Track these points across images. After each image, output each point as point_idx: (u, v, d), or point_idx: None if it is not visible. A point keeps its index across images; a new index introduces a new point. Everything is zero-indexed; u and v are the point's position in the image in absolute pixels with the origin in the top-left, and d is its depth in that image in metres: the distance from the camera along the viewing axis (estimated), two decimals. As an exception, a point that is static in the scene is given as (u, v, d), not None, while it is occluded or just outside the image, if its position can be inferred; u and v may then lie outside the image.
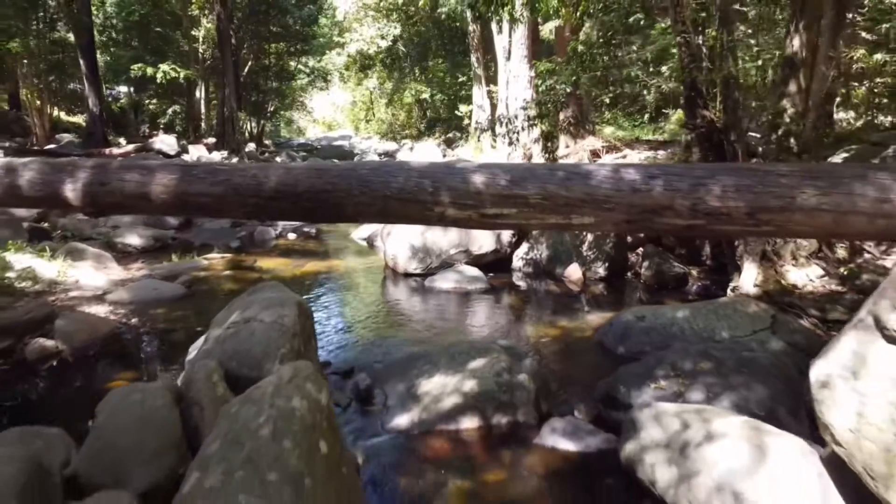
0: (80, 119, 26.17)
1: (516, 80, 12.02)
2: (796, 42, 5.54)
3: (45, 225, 8.91)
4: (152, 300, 6.17)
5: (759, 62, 5.27)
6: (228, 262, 8.08)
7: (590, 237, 7.16)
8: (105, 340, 5.16)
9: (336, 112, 49.57)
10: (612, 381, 3.90)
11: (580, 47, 6.71)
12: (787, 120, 5.61)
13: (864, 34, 7.39)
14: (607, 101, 11.34)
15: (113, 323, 5.52)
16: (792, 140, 5.64)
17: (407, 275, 7.40)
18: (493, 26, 12.12)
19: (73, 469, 2.18)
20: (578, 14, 6.20)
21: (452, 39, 20.16)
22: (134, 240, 8.52)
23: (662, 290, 6.64)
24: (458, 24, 15.31)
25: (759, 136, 6.54)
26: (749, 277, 5.63)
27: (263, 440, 1.95)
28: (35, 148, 16.60)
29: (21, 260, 6.37)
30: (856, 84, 8.53)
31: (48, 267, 6.47)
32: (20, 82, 19.58)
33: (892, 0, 6.75)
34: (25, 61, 18.09)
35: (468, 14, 8.06)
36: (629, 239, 7.36)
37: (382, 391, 3.96)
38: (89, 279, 6.55)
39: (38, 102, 18.56)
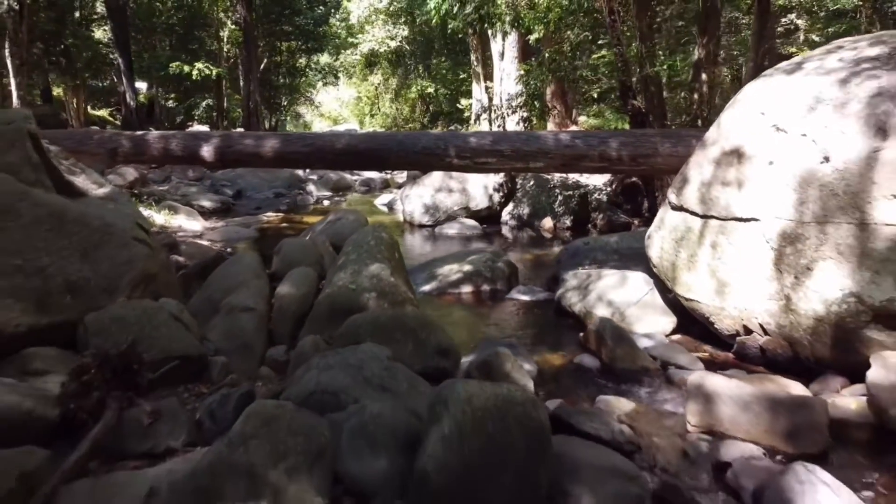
0: (103, 112, 28.43)
1: (508, 77, 14.29)
2: (700, 52, 7.84)
3: (135, 191, 11.20)
4: (235, 238, 8.47)
5: (665, 67, 7.50)
6: (281, 218, 10.38)
7: (560, 196, 9.44)
8: (213, 258, 7.45)
9: (342, 107, 51.52)
10: (555, 268, 6.19)
11: (546, 54, 8.98)
12: (695, 107, 7.90)
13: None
14: (595, 95, 13.61)
15: (214, 249, 7.81)
16: (699, 122, 7.93)
17: (421, 226, 9.70)
18: (489, 32, 14.38)
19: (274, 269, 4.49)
20: (549, 29, 8.45)
21: (454, 40, 22.40)
22: (205, 203, 10.81)
23: (612, 234, 8.92)
24: (460, 35, 17.54)
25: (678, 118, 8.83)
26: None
27: (370, 246, 4.25)
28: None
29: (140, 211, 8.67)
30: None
31: (157, 217, 8.77)
32: (49, 78, 21.76)
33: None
34: (63, 59, 20.28)
35: (469, 30, 10.15)
36: (589, 198, 9.64)
37: (413, 278, 6.25)
38: (187, 225, 8.86)
39: (74, 98, 20.76)
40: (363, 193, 14.46)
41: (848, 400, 3.34)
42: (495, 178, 9.67)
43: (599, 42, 9.75)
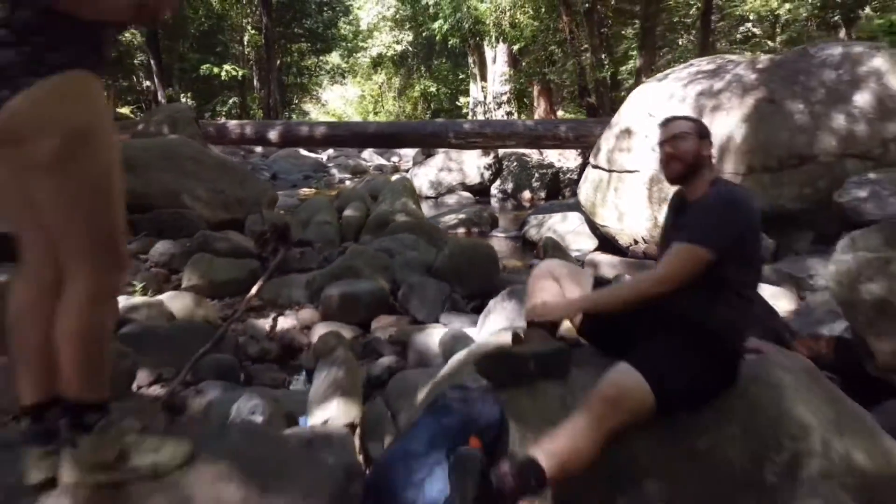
0: (125, 110, 30.91)
1: (499, 78, 16.76)
2: (640, 61, 10.31)
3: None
4: (285, 204, 10.94)
5: (609, 73, 9.95)
6: (314, 193, 12.86)
7: (536, 174, 11.92)
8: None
9: (346, 105, 53.72)
10: (526, 220, 8.67)
11: (524, 63, 11.44)
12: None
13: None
14: (565, 95, 16.12)
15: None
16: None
17: (427, 197, 12.18)
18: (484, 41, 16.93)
19: (337, 205, 6.98)
20: (527, 43, 10.91)
21: (454, 44, 24.96)
22: (251, 181, 13.32)
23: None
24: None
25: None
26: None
27: (399, 189, 6.74)
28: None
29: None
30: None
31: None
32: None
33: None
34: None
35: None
36: (560, 176, 12.13)
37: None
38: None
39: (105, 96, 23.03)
40: (376, 176, 16.94)
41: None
42: (485, 159, 12.15)
43: (565, 53, 12.24)
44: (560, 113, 15.84)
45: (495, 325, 3.30)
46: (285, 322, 4.08)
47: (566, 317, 1.97)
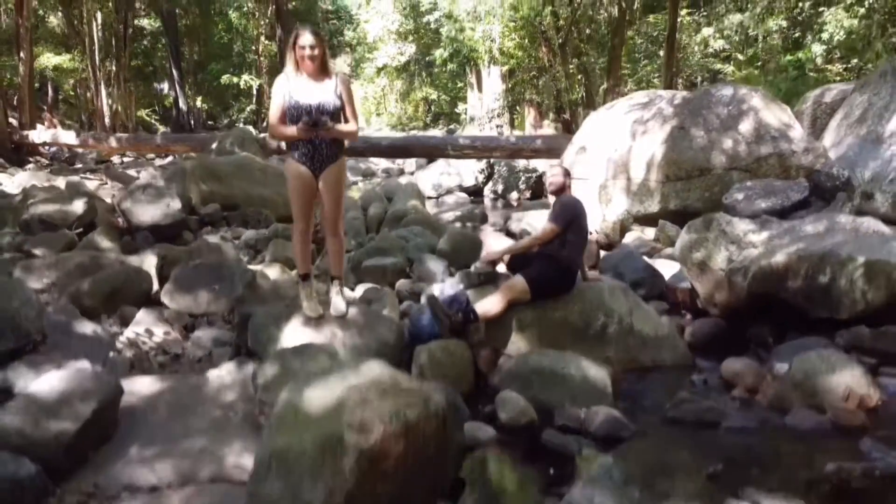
0: (141, 113, 33.04)
1: (493, 91, 18.79)
2: (608, 83, 12.34)
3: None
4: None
5: (581, 95, 11.97)
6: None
7: (522, 177, 13.96)
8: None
9: (350, 106, 55.33)
10: (510, 216, 10.71)
11: (511, 84, 13.47)
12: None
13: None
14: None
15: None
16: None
17: (429, 197, 14.23)
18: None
19: (361, 204, 9.04)
20: (514, 66, 12.92)
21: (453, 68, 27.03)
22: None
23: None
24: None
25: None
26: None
27: (409, 192, 8.79)
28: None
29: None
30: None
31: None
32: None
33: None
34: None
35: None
36: (543, 179, 14.17)
37: (426, 219, 10.79)
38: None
39: (123, 103, 25.17)
40: (384, 178, 19.00)
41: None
42: (479, 164, 14.18)
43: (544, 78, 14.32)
44: (546, 122, 17.94)
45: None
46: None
47: (498, 256, 4.04)
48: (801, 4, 12.63)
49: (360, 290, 5.82)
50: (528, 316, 3.73)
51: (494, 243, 4.24)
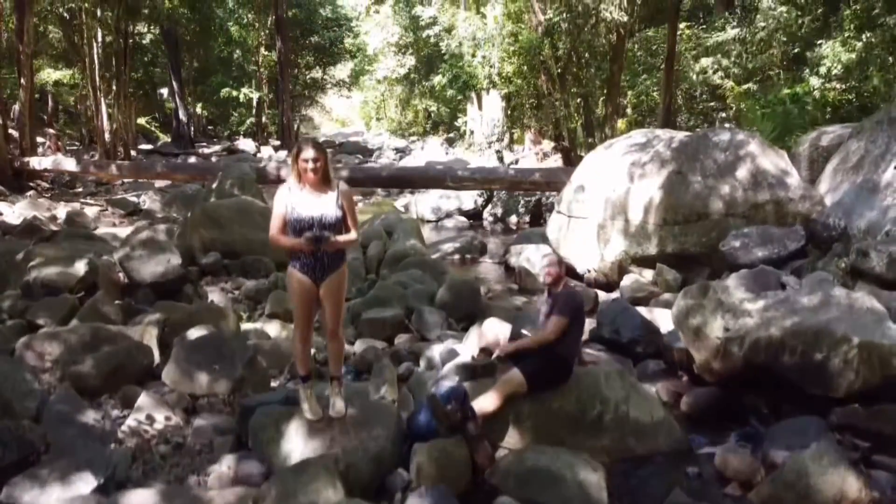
0: (141, 121, 33.12)
1: (493, 108, 18.82)
2: (606, 110, 12.37)
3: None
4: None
5: (580, 123, 12.01)
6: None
7: (521, 201, 14.00)
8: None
9: (349, 110, 55.48)
10: (509, 249, 10.74)
11: (510, 111, 13.53)
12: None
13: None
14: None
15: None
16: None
17: (428, 221, 14.29)
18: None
19: (361, 242, 9.09)
20: (513, 90, 12.98)
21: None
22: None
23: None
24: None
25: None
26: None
27: (408, 230, 8.83)
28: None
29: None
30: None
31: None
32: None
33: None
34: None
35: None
36: (541, 203, 14.20)
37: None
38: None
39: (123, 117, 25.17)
40: (384, 197, 19.00)
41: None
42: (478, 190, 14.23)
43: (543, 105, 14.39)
44: (545, 141, 18.00)
45: (472, 342, 5.39)
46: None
47: (502, 353, 4.05)
48: (800, 31, 12.66)
49: (360, 346, 5.88)
50: (525, 408, 3.77)
51: (497, 328, 4.24)
